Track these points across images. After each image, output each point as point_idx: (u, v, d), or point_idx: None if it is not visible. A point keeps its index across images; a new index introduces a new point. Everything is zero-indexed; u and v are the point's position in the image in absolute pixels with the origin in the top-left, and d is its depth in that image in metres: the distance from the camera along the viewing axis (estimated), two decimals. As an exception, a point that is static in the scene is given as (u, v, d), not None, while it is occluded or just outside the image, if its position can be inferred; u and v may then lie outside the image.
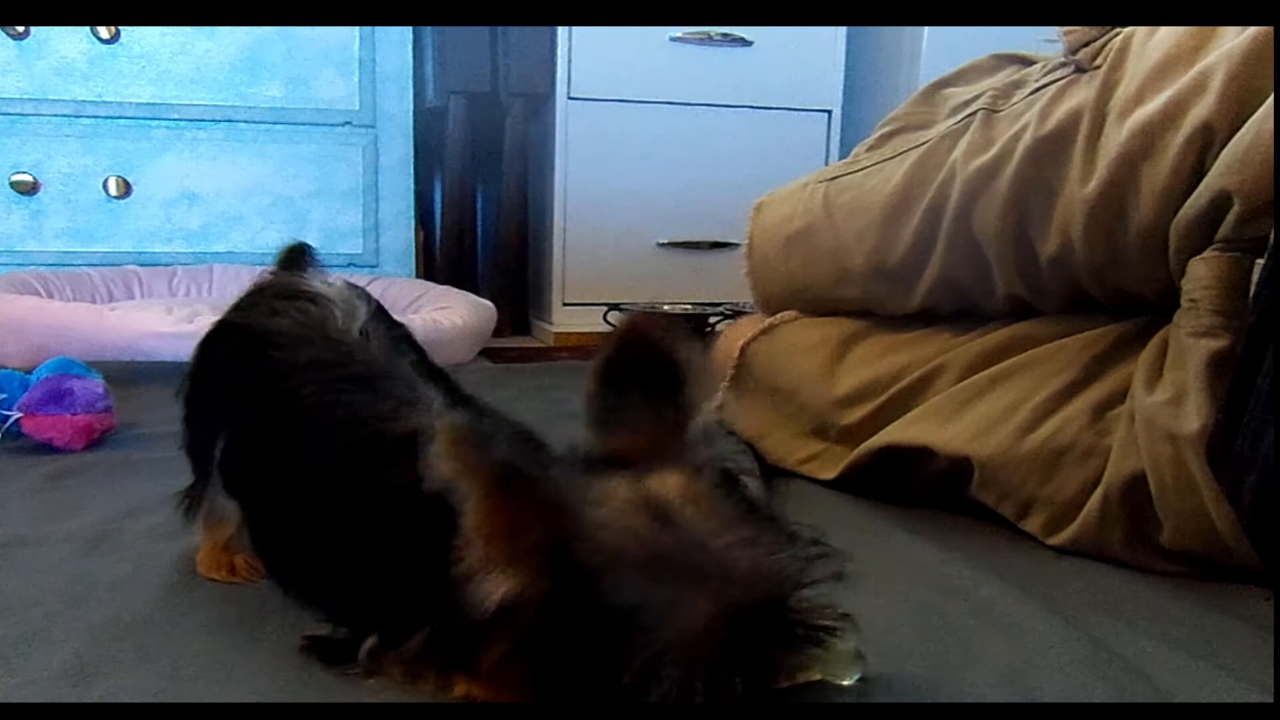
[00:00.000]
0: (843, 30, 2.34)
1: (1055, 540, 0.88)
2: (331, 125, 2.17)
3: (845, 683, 0.58)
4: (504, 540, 0.48)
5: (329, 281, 0.74)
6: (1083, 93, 0.88)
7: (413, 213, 2.26)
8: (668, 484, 0.51)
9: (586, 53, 2.23)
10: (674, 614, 0.47)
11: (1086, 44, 0.90)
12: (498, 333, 2.04)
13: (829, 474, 1.05)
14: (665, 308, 2.20)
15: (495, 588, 0.48)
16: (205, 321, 1.57)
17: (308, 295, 0.72)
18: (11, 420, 1.11)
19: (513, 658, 0.51)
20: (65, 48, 2.01)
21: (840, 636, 0.58)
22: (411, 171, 2.23)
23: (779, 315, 1.18)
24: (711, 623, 0.47)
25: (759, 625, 0.48)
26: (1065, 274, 0.91)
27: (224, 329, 0.76)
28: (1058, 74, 0.93)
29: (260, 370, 0.69)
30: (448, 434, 0.48)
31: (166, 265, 2.09)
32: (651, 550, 0.48)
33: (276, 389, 0.67)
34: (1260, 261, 0.75)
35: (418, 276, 2.27)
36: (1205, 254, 0.79)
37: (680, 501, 0.50)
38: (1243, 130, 0.76)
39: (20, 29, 1.98)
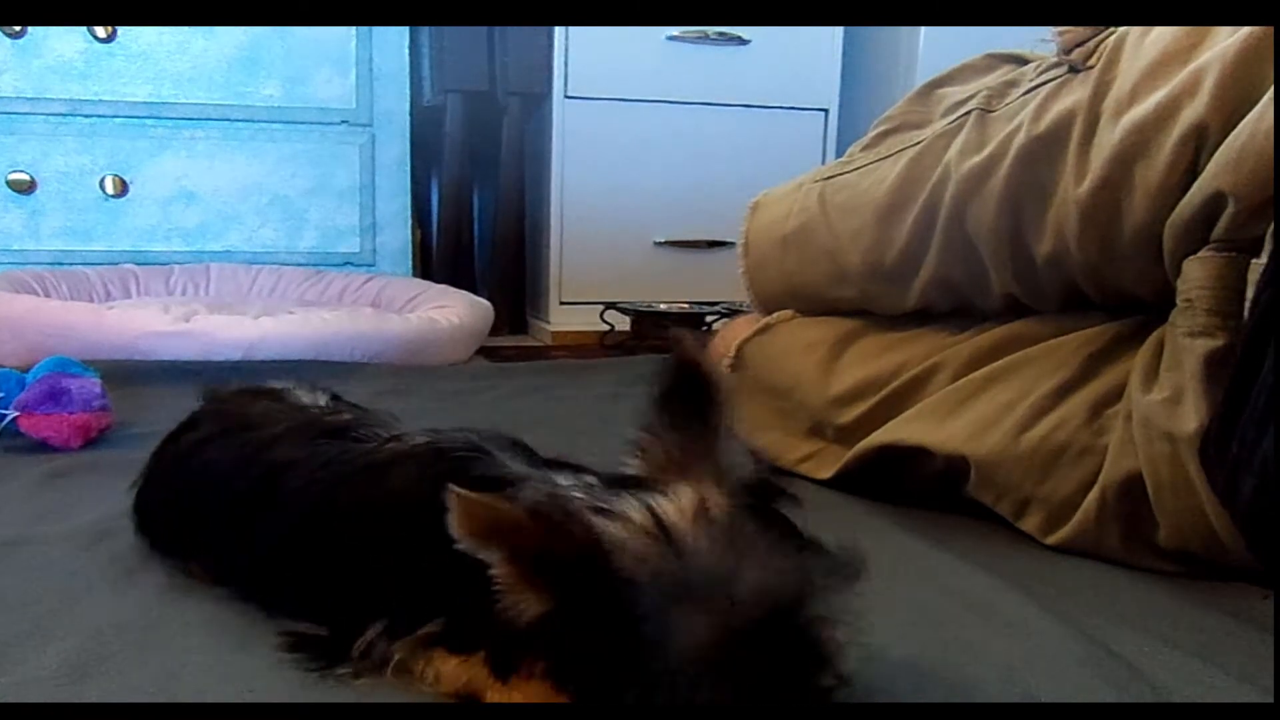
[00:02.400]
0: (839, 30, 2.34)
1: (1052, 539, 0.88)
2: (328, 124, 2.17)
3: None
4: (530, 570, 0.51)
5: (285, 384, 0.84)
6: (1076, 93, 0.88)
7: (410, 211, 2.26)
8: (682, 504, 0.53)
9: (583, 52, 2.23)
10: (678, 633, 0.48)
11: (1080, 44, 0.90)
12: (495, 331, 2.04)
13: (825, 473, 1.05)
14: (662, 306, 2.20)
15: (527, 606, 0.51)
16: (202, 321, 1.60)
17: (270, 392, 0.81)
18: (8, 419, 1.11)
19: (549, 671, 0.53)
20: (62, 46, 2.01)
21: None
22: (408, 170, 2.23)
23: (775, 314, 1.18)
24: (713, 641, 0.48)
25: (762, 642, 0.49)
26: (1060, 274, 0.91)
27: (201, 417, 0.80)
28: (1051, 74, 0.93)
29: (243, 445, 0.72)
30: (460, 507, 0.50)
31: (164, 264, 2.09)
32: (656, 572, 0.50)
33: (261, 459, 0.70)
34: (1256, 262, 0.75)
35: (415, 275, 2.27)
36: (1200, 254, 0.79)
37: (690, 521, 0.52)
38: (1237, 130, 0.76)
39: (17, 28, 1.98)
